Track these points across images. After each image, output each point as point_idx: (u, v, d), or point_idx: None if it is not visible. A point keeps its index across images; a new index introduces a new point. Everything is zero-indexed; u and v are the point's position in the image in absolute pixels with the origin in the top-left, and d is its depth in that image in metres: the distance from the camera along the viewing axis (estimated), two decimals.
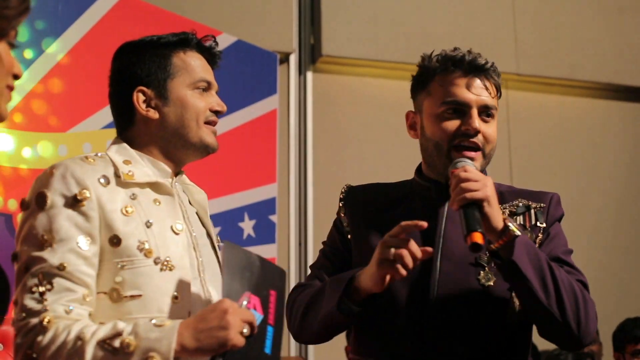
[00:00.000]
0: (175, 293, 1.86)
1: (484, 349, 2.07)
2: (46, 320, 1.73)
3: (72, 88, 3.79)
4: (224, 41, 4.46)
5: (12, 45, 1.41)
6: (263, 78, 4.79)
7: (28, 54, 3.66)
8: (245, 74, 4.62)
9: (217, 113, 2.05)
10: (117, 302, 1.84)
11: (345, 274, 2.05)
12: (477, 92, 2.15)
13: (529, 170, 5.59)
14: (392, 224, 2.03)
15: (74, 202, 1.83)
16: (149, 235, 1.87)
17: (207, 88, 2.05)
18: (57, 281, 1.77)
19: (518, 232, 1.97)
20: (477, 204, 1.95)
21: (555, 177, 5.69)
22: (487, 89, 2.17)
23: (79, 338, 1.72)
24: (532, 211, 2.20)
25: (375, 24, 5.42)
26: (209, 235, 2.08)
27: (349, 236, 2.21)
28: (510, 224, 1.97)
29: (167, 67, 2.02)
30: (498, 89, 2.22)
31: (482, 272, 2.08)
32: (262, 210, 4.64)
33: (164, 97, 2.00)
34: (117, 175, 1.91)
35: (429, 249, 1.91)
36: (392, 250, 1.87)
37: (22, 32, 3.62)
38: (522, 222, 2.16)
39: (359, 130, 5.40)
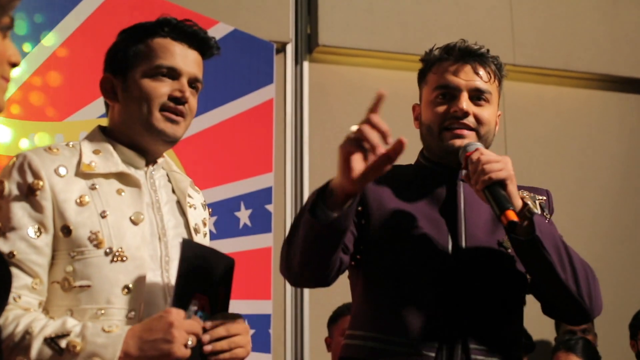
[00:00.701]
0: (127, 284, 1.86)
1: (503, 331, 2.15)
2: None
3: (69, 78, 3.79)
4: (221, 31, 4.45)
5: (7, 30, 1.40)
6: (259, 68, 4.78)
7: (25, 45, 3.65)
8: (242, 63, 4.61)
9: (177, 101, 2.00)
10: (68, 292, 1.85)
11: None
12: (466, 76, 2.21)
13: (525, 161, 5.59)
14: (409, 203, 2.16)
15: (28, 192, 1.85)
16: (102, 226, 1.87)
17: (173, 75, 2.00)
18: None
19: (536, 210, 2.02)
20: (502, 183, 2.00)
21: (552, 169, 5.70)
22: (478, 73, 2.21)
23: (27, 332, 1.73)
24: (537, 202, 2.24)
25: (372, 14, 5.42)
26: (188, 225, 2.07)
27: (360, 208, 2.19)
28: (528, 202, 2.03)
29: (131, 54, 2.02)
30: (495, 75, 2.25)
31: (505, 255, 2.15)
32: (259, 200, 4.64)
33: (124, 84, 2.01)
34: (79, 164, 1.93)
35: (402, 138, 1.81)
36: (353, 128, 1.83)
37: (20, 23, 3.61)
38: None
39: (356, 120, 5.35)
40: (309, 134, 5.26)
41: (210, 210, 2.25)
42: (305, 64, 5.33)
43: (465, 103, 2.18)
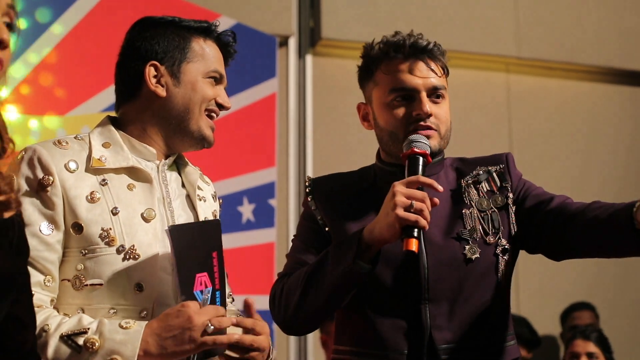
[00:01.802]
0: (139, 282, 1.83)
1: (478, 321, 2.10)
2: None
3: (70, 71, 3.77)
4: (223, 24, 4.37)
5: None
6: (262, 61, 4.76)
7: (26, 37, 3.63)
8: (244, 57, 4.56)
9: (221, 107, 2.04)
10: (79, 290, 1.82)
11: (348, 238, 2.04)
12: (422, 75, 2.15)
13: (530, 154, 5.57)
14: (366, 212, 2.12)
15: (38, 188, 1.81)
16: (114, 223, 1.84)
17: (219, 81, 2.05)
18: None
19: None
20: None
21: (556, 161, 5.68)
22: (432, 70, 2.16)
23: (43, 329, 1.71)
24: (494, 175, 2.21)
25: (375, 7, 5.39)
26: (198, 219, 2.04)
27: (327, 229, 2.19)
28: None
29: (185, 49, 2.00)
30: (445, 69, 2.20)
31: (466, 246, 2.10)
32: (262, 194, 4.62)
33: (176, 77, 1.98)
34: (89, 159, 1.89)
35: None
36: (415, 204, 1.91)
37: (20, 19, 3.59)
38: (488, 188, 2.19)
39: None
40: (312, 128, 5.23)
41: (221, 201, 2.23)
42: (309, 58, 5.31)
43: (427, 105, 2.12)
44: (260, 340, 1.85)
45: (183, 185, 2.06)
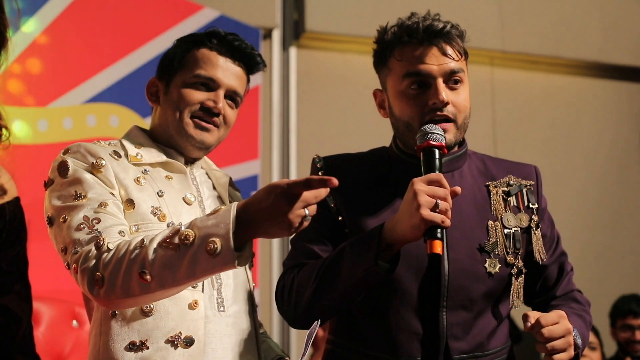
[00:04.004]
0: None
1: (491, 333, 2.08)
2: (106, 240, 1.77)
3: (51, 63, 3.74)
4: (206, 16, 4.41)
5: None
6: None
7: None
8: None
9: (209, 110, 2.07)
10: None
11: (366, 235, 1.93)
12: (437, 60, 2.03)
13: (513, 147, 5.57)
14: (383, 204, 2.06)
15: (92, 169, 1.92)
16: (161, 203, 1.96)
17: (210, 86, 2.09)
18: (102, 216, 1.84)
19: (579, 341, 1.98)
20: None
21: (540, 155, 5.68)
22: (447, 54, 2.03)
23: (139, 246, 1.72)
24: (524, 191, 2.16)
25: (359, 0, 5.38)
26: None
27: (340, 217, 2.09)
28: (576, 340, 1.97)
29: (177, 61, 2.11)
30: (462, 52, 2.08)
31: (487, 259, 2.04)
32: (245, 187, 4.58)
33: (166, 89, 2.10)
34: (127, 156, 2.03)
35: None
36: (440, 203, 1.80)
37: None
38: (515, 204, 2.13)
39: (343, 107, 5.36)
40: (296, 120, 5.23)
41: None
42: (292, 50, 5.29)
43: (444, 92, 2.00)
44: None
45: (214, 188, 2.18)
